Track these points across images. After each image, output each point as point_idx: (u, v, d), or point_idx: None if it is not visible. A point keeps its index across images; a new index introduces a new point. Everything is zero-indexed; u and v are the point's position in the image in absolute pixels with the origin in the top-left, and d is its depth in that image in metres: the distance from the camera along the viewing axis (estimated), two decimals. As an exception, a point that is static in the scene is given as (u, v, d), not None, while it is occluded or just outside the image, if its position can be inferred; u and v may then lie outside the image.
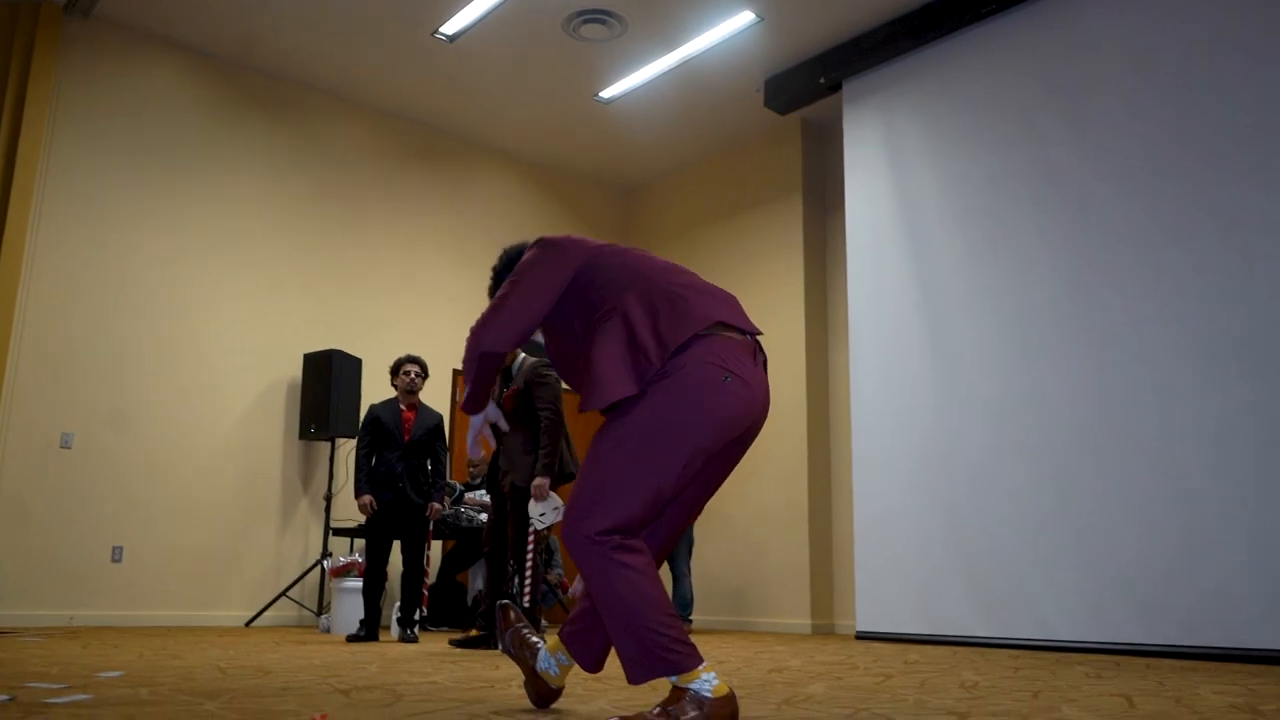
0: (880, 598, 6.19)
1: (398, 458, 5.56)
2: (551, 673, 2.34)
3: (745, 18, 6.67)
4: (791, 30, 6.87)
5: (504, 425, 2.50)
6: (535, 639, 2.40)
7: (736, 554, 7.80)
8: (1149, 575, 5.03)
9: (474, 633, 4.86)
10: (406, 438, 5.60)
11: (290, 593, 6.79)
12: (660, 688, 2.53)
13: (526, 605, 4.71)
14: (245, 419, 7.04)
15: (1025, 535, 5.55)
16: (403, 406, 5.69)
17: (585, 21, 6.71)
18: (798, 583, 7.34)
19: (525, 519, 4.82)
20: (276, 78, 7.52)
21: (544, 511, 4.69)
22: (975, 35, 6.33)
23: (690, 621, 7.05)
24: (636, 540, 2.02)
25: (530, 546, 4.81)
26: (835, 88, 7.16)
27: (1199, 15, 5.31)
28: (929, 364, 6.20)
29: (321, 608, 6.79)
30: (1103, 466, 5.31)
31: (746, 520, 7.73)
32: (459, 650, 4.69)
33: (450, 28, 6.84)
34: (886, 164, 6.71)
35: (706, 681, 1.92)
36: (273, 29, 6.90)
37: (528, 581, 4.74)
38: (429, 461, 5.67)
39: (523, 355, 5.09)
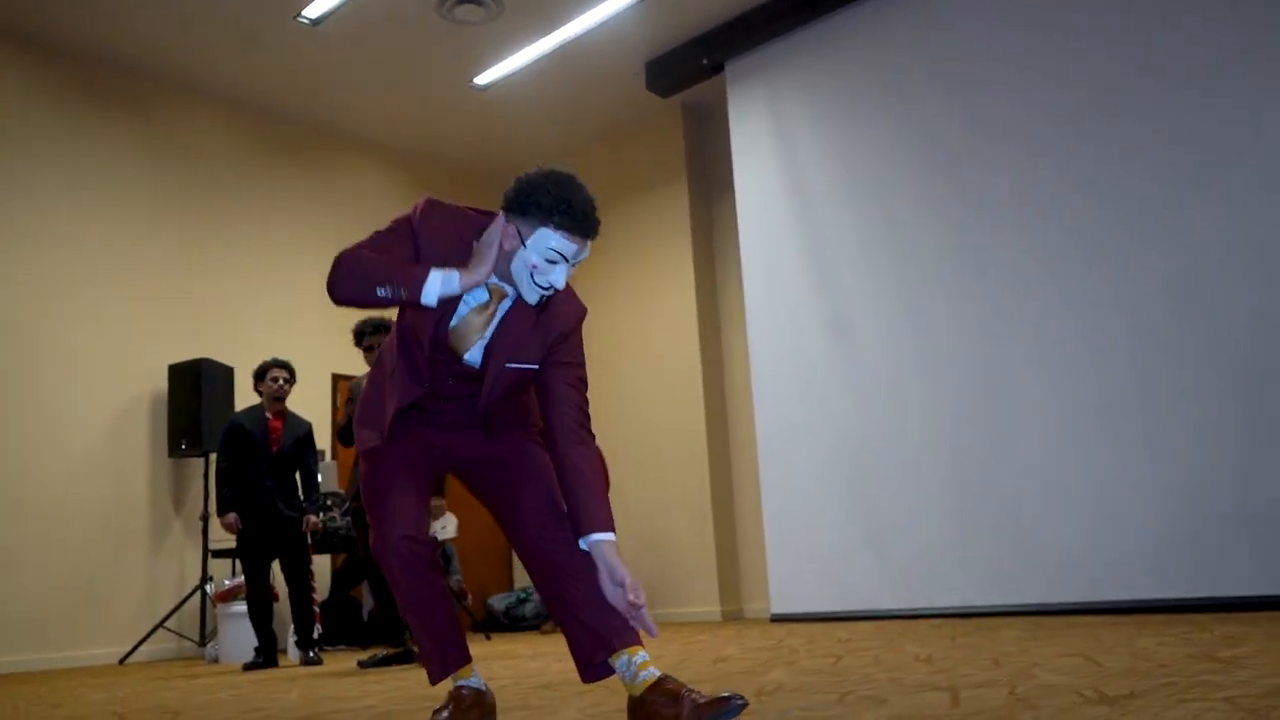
0: (793, 579, 6.15)
1: (265, 470, 5.17)
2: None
3: (626, -2, 6.52)
4: (673, 11, 6.75)
5: None
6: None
7: (637, 544, 7.66)
8: (1053, 537, 5.14)
9: (386, 651, 4.53)
10: (275, 449, 5.21)
11: (168, 623, 6.26)
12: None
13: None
14: (107, 438, 6.46)
15: (933, 506, 5.61)
16: (269, 415, 5.30)
17: (460, 2, 6.42)
18: (705, 570, 7.25)
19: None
20: (127, 69, 6.92)
21: (445, 525, 4.48)
22: (859, 13, 6.35)
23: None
24: None
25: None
26: (718, 69, 7.09)
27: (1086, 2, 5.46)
28: (828, 341, 6.20)
29: (205, 636, 6.30)
30: (1001, 433, 5.41)
31: (647, 510, 7.59)
32: (371, 670, 4.38)
33: (313, 10, 6.43)
34: (774, 144, 6.68)
35: None
36: (120, 16, 6.33)
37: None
38: (299, 473, 5.30)
39: None
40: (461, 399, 2.14)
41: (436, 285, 1.95)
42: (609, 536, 1.99)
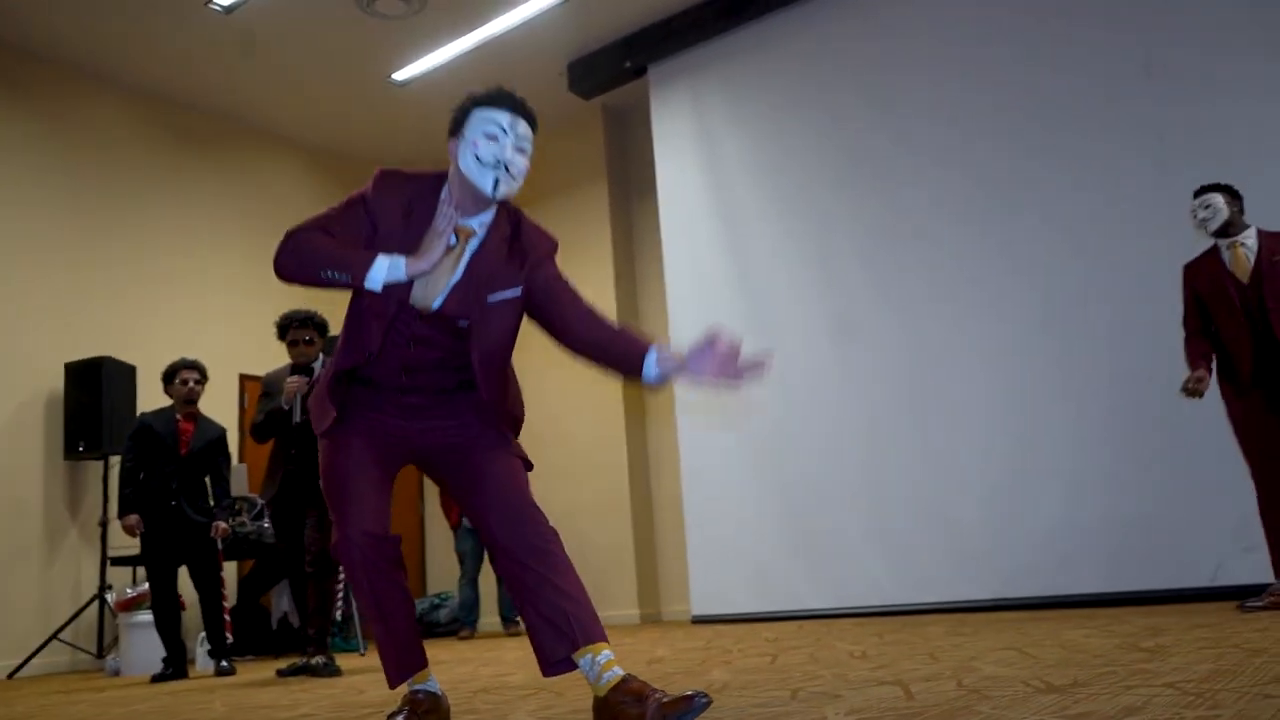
0: (713, 580, 6.19)
1: (173, 472, 4.95)
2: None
3: (551, -2, 6.47)
4: (596, 12, 6.73)
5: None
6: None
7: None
8: (973, 533, 5.28)
9: (312, 660, 4.34)
10: (184, 450, 5.00)
11: (62, 634, 5.94)
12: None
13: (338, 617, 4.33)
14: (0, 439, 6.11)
15: (853, 505, 5.71)
16: (179, 416, 5.08)
17: (381, -5, 6.28)
18: (623, 572, 7.24)
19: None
20: (26, 52, 6.55)
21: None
22: (784, 19, 6.44)
23: (518, 623, 6.81)
24: None
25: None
26: (640, 71, 7.10)
27: (995, 9, 5.62)
28: (750, 343, 6.23)
29: (103, 648, 5.99)
30: (921, 432, 5.55)
31: (566, 511, 7.49)
32: (291, 679, 4.22)
33: (226, -2, 6.21)
34: (697, 147, 6.73)
35: None
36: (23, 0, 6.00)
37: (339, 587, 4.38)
38: (210, 478, 5.10)
39: (321, 356, 4.65)
40: (428, 372, 2.10)
41: (382, 272, 1.96)
42: (655, 353, 2.08)
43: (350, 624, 6.00)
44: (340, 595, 5.67)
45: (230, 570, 6.76)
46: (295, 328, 4.51)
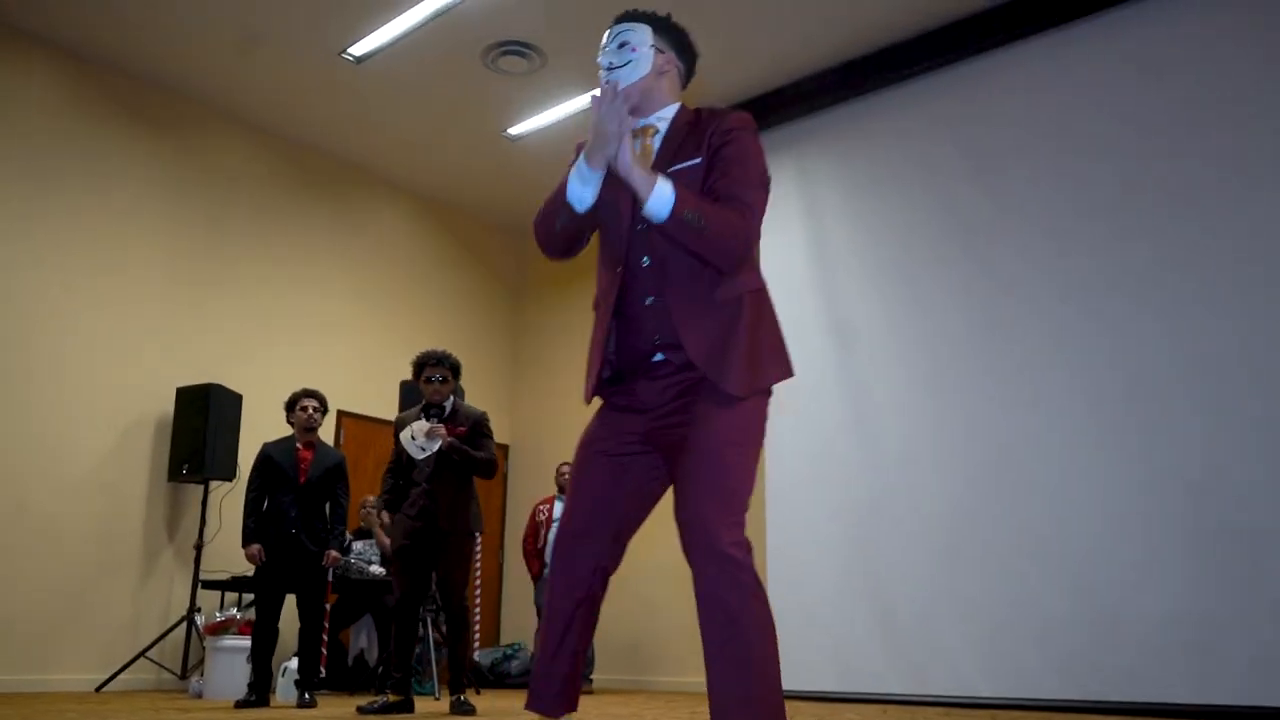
0: (795, 653, 6.00)
1: (291, 501, 5.07)
2: None
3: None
4: (711, 77, 6.83)
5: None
6: None
7: (631, 609, 7.52)
8: (1070, 631, 5.06)
9: (391, 698, 4.40)
10: (302, 479, 5.12)
11: (149, 653, 6.08)
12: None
13: (476, 659, 4.38)
14: (108, 457, 6.32)
15: (945, 591, 5.53)
16: (299, 445, 5.22)
17: (505, 53, 6.49)
18: (696, 639, 7.09)
19: (465, 564, 4.57)
20: (160, 87, 6.94)
21: (426, 445, 4.46)
22: (893, 96, 6.45)
23: (591, 680, 6.73)
24: None
25: (476, 598, 4.48)
26: (751, 138, 7.15)
27: (1103, 90, 5.56)
28: (846, 416, 6.17)
29: (187, 669, 6.11)
30: (1022, 523, 5.36)
31: (636, 575, 7.44)
32: (370, 717, 4.24)
33: (360, 49, 6.48)
34: (802, 216, 6.74)
35: None
36: (161, 34, 6.36)
37: (476, 632, 4.43)
38: (328, 505, 5.20)
39: (453, 398, 4.80)
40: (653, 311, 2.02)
41: (576, 186, 2.01)
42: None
43: (427, 667, 6.00)
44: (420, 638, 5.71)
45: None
46: (430, 366, 4.67)
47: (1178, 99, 5.29)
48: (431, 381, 4.68)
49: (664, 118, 2.14)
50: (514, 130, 7.44)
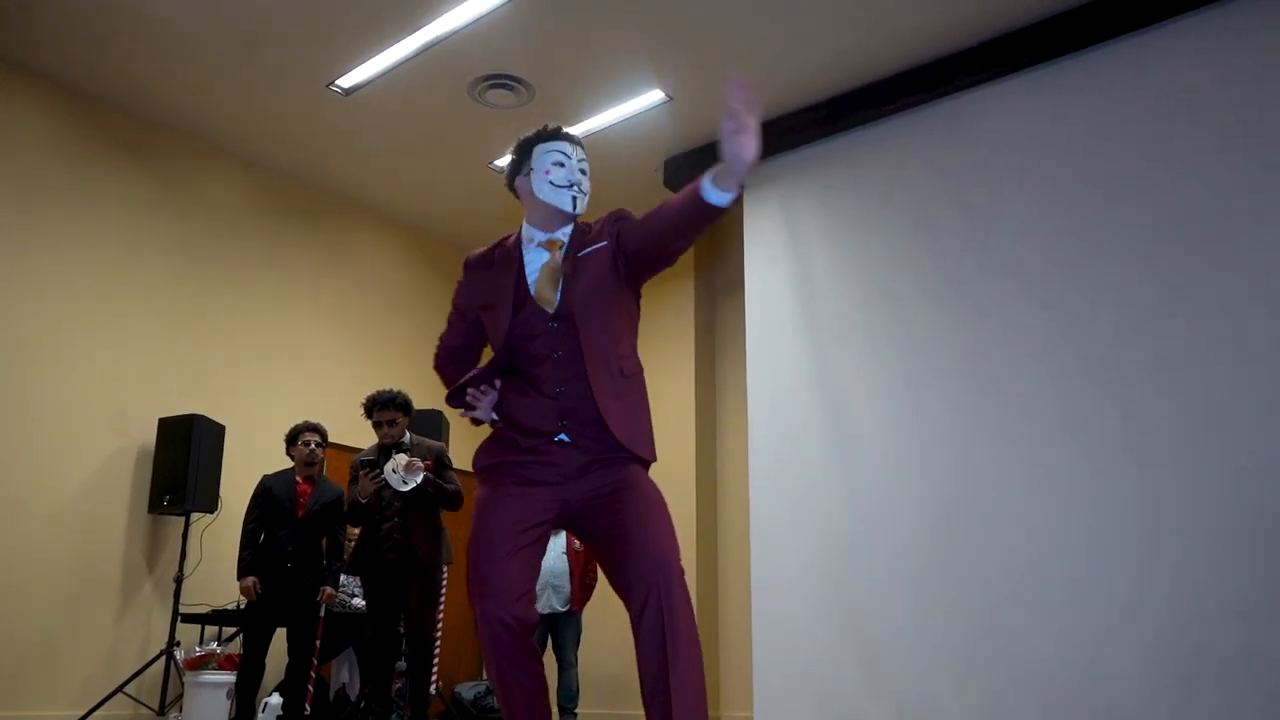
0: (779, 690, 6.00)
1: (289, 535, 5.04)
2: None
3: (654, 96, 6.66)
4: (697, 113, 6.90)
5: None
6: None
7: (615, 641, 7.48)
8: (1055, 674, 5.05)
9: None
10: (300, 513, 5.09)
11: (126, 688, 5.98)
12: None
13: (434, 692, 4.33)
14: (87, 487, 6.25)
15: (930, 630, 5.51)
16: (299, 478, 5.19)
17: (492, 86, 6.53)
18: (683, 673, 7.05)
19: (437, 597, 4.53)
20: (147, 118, 6.93)
21: (407, 479, 4.45)
22: (879, 130, 6.51)
23: (575, 715, 6.67)
24: None
25: (439, 629, 4.43)
26: (736, 172, 7.20)
27: (1091, 120, 5.62)
28: (831, 451, 6.17)
29: (165, 705, 6.01)
30: (1006, 563, 5.35)
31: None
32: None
33: (348, 80, 6.51)
34: (786, 251, 6.77)
35: None
36: (147, 65, 6.36)
37: (435, 663, 4.38)
38: (324, 540, 5.16)
39: (408, 434, 4.80)
40: (562, 396, 2.28)
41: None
42: (707, 178, 2.14)
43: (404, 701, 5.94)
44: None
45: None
46: (378, 409, 4.67)
47: (1165, 132, 5.34)
48: (381, 425, 4.75)
49: (566, 232, 2.45)
50: (500, 163, 7.47)
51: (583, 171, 2.37)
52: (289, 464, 5.47)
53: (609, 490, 2.19)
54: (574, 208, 2.32)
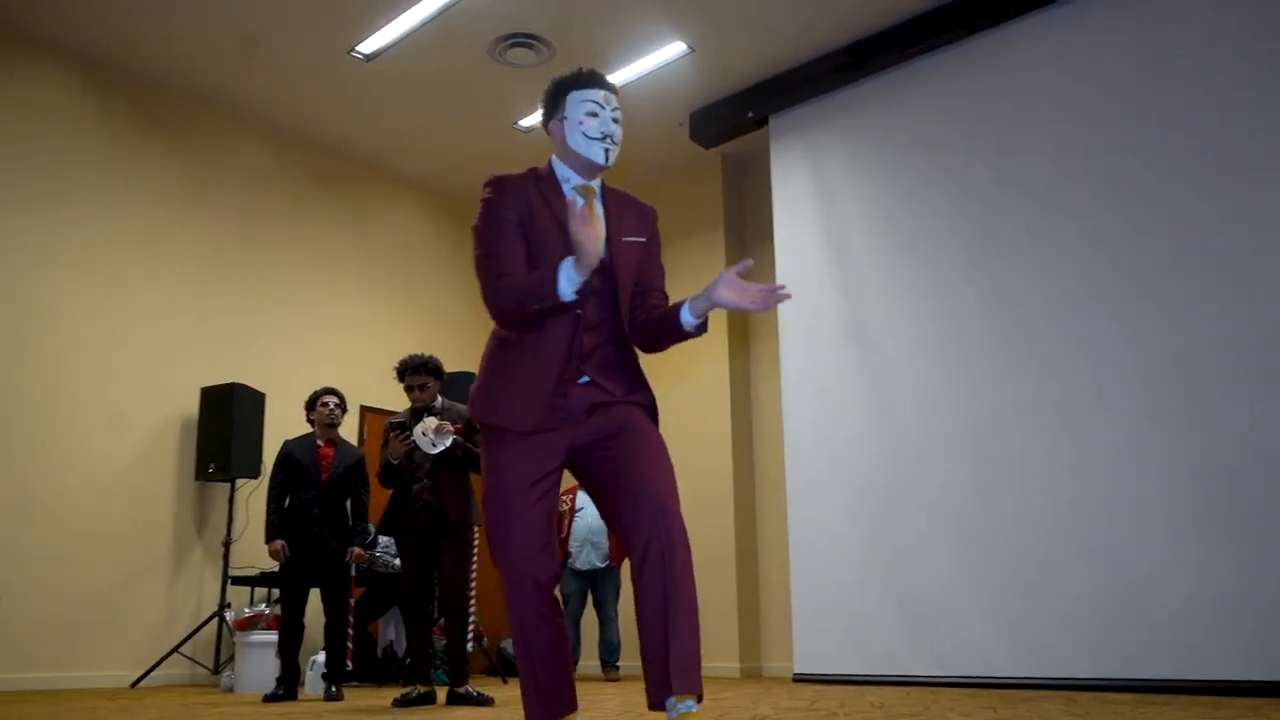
0: (818, 639, 6.05)
1: (314, 498, 5.14)
2: None
3: (676, 48, 6.59)
4: (720, 64, 6.82)
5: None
6: None
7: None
8: (1094, 609, 5.04)
9: (422, 689, 4.48)
10: (324, 476, 5.19)
11: (182, 649, 6.19)
12: None
13: (471, 650, 4.41)
14: (136, 458, 6.43)
15: (966, 573, 5.52)
16: (320, 442, 5.29)
17: (513, 45, 6.50)
18: (725, 624, 7.15)
19: (470, 557, 4.59)
20: (172, 91, 7.01)
21: (438, 441, 4.48)
22: (904, 74, 6.40)
23: (618, 668, 6.78)
24: None
25: (473, 588, 4.51)
26: (762, 122, 7.14)
27: (1125, 66, 5.48)
28: (864, 399, 6.16)
29: (219, 664, 6.22)
30: (1045, 502, 5.33)
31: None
32: (401, 710, 4.31)
33: (368, 46, 6.52)
34: (815, 199, 6.71)
35: None
36: (171, 38, 6.43)
37: (471, 623, 4.45)
38: (349, 502, 5.27)
39: (440, 398, 4.84)
40: (596, 348, 2.30)
41: (566, 283, 2.15)
42: (687, 304, 2.26)
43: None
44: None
45: (341, 596, 6.96)
46: (410, 374, 4.71)
47: (1190, 78, 5.21)
48: (412, 389, 4.76)
49: (595, 184, 2.42)
50: (524, 122, 7.45)
51: (615, 121, 2.35)
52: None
53: (614, 431, 2.23)
54: (605, 159, 2.32)
